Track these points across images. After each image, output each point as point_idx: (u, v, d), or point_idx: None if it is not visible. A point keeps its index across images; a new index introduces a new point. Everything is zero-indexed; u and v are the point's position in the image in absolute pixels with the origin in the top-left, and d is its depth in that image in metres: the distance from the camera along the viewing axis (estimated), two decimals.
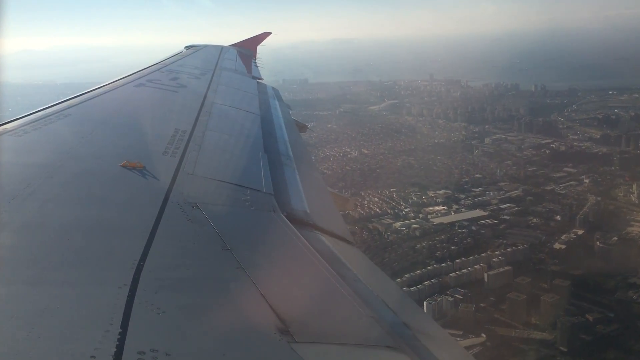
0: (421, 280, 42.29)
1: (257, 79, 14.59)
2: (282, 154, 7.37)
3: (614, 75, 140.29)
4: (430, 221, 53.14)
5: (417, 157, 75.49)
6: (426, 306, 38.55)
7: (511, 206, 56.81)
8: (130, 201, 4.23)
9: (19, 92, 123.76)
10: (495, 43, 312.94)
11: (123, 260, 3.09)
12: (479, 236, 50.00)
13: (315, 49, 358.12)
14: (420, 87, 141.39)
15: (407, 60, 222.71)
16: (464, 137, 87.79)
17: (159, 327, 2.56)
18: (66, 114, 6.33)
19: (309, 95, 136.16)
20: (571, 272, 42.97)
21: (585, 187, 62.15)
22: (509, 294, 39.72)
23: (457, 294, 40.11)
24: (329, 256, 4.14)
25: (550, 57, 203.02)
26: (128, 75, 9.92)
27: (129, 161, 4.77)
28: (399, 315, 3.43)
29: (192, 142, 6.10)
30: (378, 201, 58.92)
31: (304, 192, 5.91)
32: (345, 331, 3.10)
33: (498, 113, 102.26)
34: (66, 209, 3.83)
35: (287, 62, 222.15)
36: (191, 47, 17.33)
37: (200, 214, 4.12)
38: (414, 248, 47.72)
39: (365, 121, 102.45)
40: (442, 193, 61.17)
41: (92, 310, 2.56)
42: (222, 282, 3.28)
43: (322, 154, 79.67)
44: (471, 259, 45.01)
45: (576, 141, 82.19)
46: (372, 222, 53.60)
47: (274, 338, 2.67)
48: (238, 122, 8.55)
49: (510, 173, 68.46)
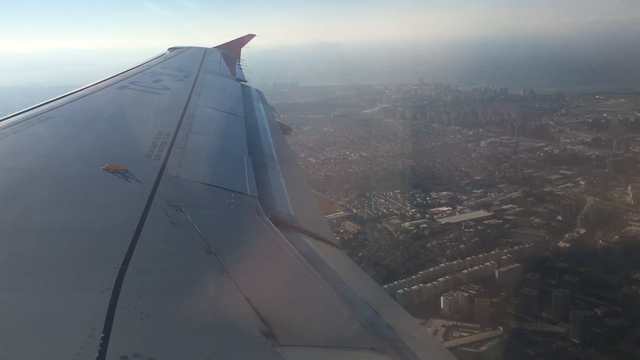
0: (435, 277, 44.05)
1: (241, 81, 14.66)
2: (266, 156, 7.42)
3: (599, 80, 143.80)
4: (437, 221, 54.98)
5: (417, 160, 77.46)
6: (443, 301, 40.46)
7: (513, 207, 58.90)
8: (113, 204, 4.23)
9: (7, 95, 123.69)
10: (479, 48, 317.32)
11: (106, 264, 3.08)
12: (485, 235, 51.98)
13: (301, 53, 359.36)
14: (410, 91, 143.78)
15: (393, 64, 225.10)
16: (460, 141, 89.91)
17: (142, 331, 2.54)
18: (48, 116, 6.29)
19: (301, 99, 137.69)
20: (577, 268, 45.10)
21: (581, 189, 64.50)
22: (521, 289, 41.68)
23: (471, 289, 41.91)
24: (314, 259, 4.16)
25: (534, 63, 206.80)
26: (110, 78, 9.97)
27: (111, 164, 4.77)
28: (382, 317, 3.46)
29: (176, 145, 6.09)
30: (384, 202, 60.69)
31: (288, 195, 5.97)
32: (329, 334, 3.12)
33: (490, 117, 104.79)
34: (48, 213, 3.83)
35: (274, 66, 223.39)
36: (174, 49, 17.48)
37: (184, 217, 4.14)
38: (425, 247, 49.54)
39: (360, 125, 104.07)
40: (445, 194, 63.06)
41: (75, 314, 2.54)
42: (206, 286, 3.27)
43: (322, 156, 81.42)
44: (481, 257, 46.97)
45: (568, 144, 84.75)
46: (380, 222, 55.32)
47: (258, 341, 2.67)
48: (222, 124, 8.59)
49: (508, 175, 70.61)
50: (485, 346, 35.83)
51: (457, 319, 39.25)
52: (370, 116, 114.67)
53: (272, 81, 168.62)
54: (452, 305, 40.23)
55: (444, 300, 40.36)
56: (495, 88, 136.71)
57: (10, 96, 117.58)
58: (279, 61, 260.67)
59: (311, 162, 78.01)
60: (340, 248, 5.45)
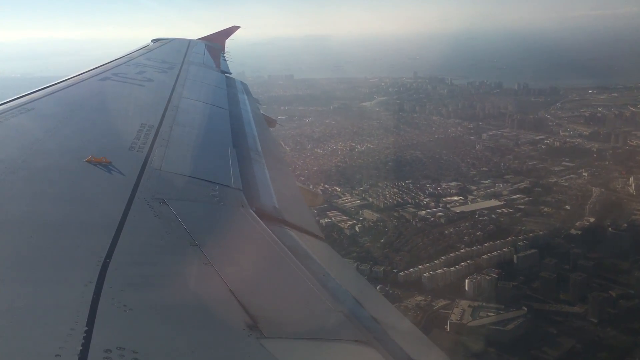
0: (456, 261, 46.55)
1: (226, 73, 14.65)
2: (251, 149, 7.43)
3: (588, 75, 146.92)
4: (451, 210, 57.44)
5: (423, 151, 79.94)
6: (467, 284, 42.96)
7: (522, 197, 61.58)
8: (95, 197, 4.21)
9: None
10: (468, 42, 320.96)
11: (88, 258, 3.07)
12: (499, 223, 54.60)
13: (291, 45, 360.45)
14: (406, 84, 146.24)
15: (384, 57, 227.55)
16: (461, 133, 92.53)
17: (126, 324, 2.55)
18: (29, 107, 6.23)
19: (298, 91, 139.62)
20: (589, 254, 47.88)
21: (584, 180, 67.33)
22: (540, 273, 44.34)
23: (493, 273, 44.46)
24: (298, 251, 4.20)
25: (523, 57, 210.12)
26: (93, 69, 9.89)
27: (94, 156, 4.75)
28: (367, 309, 3.52)
29: (159, 137, 6.09)
30: (398, 192, 63.07)
31: (273, 188, 6.02)
32: (314, 326, 3.15)
33: (488, 110, 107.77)
34: (29, 206, 3.80)
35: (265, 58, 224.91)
36: (158, 40, 17.39)
37: (167, 210, 4.15)
38: (443, 234, 52.01)
39: (360, 117, 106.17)
40: (454, 185, 65.56)
41: (57, 308, 2.55)
42: (190, 279, 3.30)
43: (328, 148, 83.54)
44: (498, 243, 49.55)
45: (568, 137, 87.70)
46: (397, 211, 57.68)
47: (242, 334, 2.69)
48: (206, 116, 8.61)
49: (513, 167, 73.33)
50: (512, 325, 38.30)
51: (481, 300, 41.69)
52: (369, 108, 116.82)
53: (267, 73, 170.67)
54: (476, 288, 42.74)
55: (468, 283, 42.84)
56: (490, 82, 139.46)
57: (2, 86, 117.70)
58: (270, 53, 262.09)
59: (319, 154, 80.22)
60: (324, 240, 5.50)
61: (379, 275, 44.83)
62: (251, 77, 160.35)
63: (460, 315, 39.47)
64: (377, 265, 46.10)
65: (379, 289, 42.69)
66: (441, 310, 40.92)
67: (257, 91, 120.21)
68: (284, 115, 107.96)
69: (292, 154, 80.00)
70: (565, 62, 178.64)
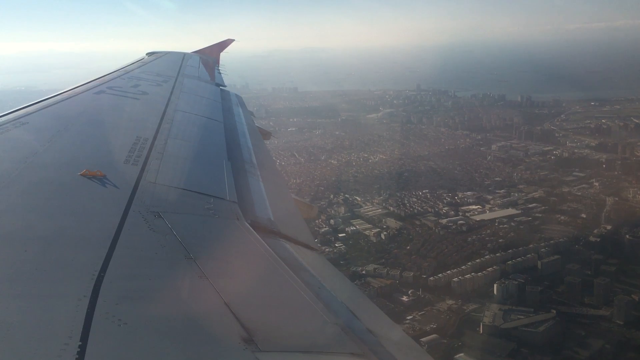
0: (482, 267, 48.46)
1: (221, 85, 14.77)
2: (245, 161, 7.46)
3: (589, 87, 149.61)
4: (470, 218, 59.42)
5: (436, 162, 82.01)
6: (496, 288, 44.87)
7: (538, 205, 63.63)
8: (90, 211, 4.22)
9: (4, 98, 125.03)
10: (465, 55, 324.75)
11: (83, 271, 3.10)
12: (519, 231, 56.60)
13: (290, 58, 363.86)
14: (410, 96, 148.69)
15: (384, 70, 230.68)
16: (470, 144, 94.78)
17: (120, 338, 2.56)
18: (23, 121, 6.28)
19: (304, 104, 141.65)
20: (609, 260, 49.93)
21: (596, 190, 69.48)
22: (566, 278, 46.32)
23: (519, 278, 46.38)
24: (293, 263, 4.24)
25: (523, 70, 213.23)
26: (87, 82, 9.93)
27: (89, 170, 4.78)
28: (363, 321, 3.55)
29: (154, 150, 6.12)
30: (417, 201, 65.01)
31: (267, 200, 6.05)
32: (309, 339, 3.20)
33: (494, 122, 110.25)
34: (24, 220, 3.83)
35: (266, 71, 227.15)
36: (153, 53, 17.54)
37: (162, 223, 4.17)
38: (466, 241, 53.95)
39: (369, 128, 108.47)
40: (470, 194, 67.58)
41: (51, 322, 2.56)
42: (186, 292, 3.30)
43: (342, 159, 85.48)
44: (521, 250, 51.49)
45: (575, 148, 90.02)
46: (418, 219, 59.61)
47: (238, 347, 2.72)
48: (201, 129, 8.63)
49: (525, 177, 75.45)
50: (543, 327, 40.15)
51: (510, 304, 43.57)
52: (376, 120, 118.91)
53: (270, 86, 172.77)
54: (505, 292, 44.59)
55: (497, 287, 44.74)
56: (493, 94, 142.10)
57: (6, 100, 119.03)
58: (269, 66, 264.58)
59: (334, 164, 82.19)
60: (320, 252, 5.57)
61: (409, 281, 46.71)
62: (255, 90, 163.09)
63: (492, 318, 41.28)
64: (407, 271, 47.90)
65: (411, 292, 44.70)
66: (472, 314, 42.75)
67: (262, 103, 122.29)
68: (294, 127, 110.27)
69: (307, 164, 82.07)
70: (565, 75, 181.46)
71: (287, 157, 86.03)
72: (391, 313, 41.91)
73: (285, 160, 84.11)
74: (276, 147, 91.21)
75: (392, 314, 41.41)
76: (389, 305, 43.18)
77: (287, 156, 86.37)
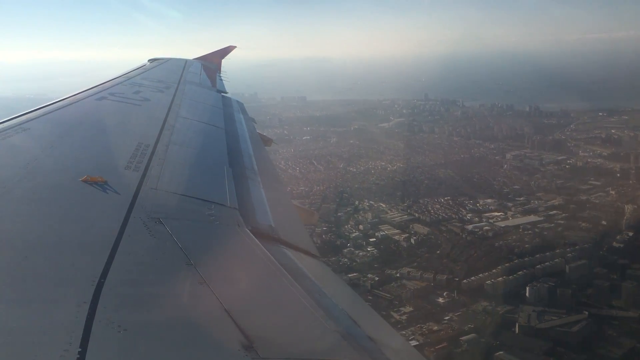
0: (512, 271, 50.56)
1: (222, 92, 14.92)
2: (247, 167, 7.53)
3: (594, 97, 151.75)
4: (495, 225, 61.53)
5: (454, 170, 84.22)
6: (528, 290, 46.96)
7: (558, 213, 65.81)
8: (91, 216, 4.27)
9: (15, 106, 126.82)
10: (466, 64, 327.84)
11: (83, 277, 3.13)
12: (543, 237, 58.73)
13: (293, 67, 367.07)
14: (419, 106, 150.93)
15: (389, 80, 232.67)
16: (485, 153, 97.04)
17: (120, 345, 2.60)
18: (25, 127, 6.33)
19: (315, 112, 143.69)
20: (634, 265, 52.08)
21: (613, 198, 71.72)
22: (594, 281, 48.47)
23: (549, 281, 48.49)
24: (294, 270, 4.31)
25: (525, 79, 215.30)
26: (89, 88, 10.01)
27: (90, 176, 4.82)
28: (363, 328, 3.61)
29: (156, 156, 6.17)
30: (440, 207, 67.12)
31: (268, 206, 6.10)
32: (310, 346, 3.25)
33: (506, 131, 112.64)
34: (25, 226, 3.88)
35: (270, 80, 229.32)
36: (155, 60, 17.75)
37: (163, 229, 4.23)
38: (493, 246, 56.07)
39: (382, 137, 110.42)
40: (491, 201, 69.75)
41: (51, 328, 2.59)
42: (186, 298, 3.37)
43: (361, 167, 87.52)
44: (548, 255, 53.61)
45: (588, 158, 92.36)
46: (443, 225, 61.72)
47: (238, 354, 2.74)
48: (202, 135, 8.73)
49: (543, 185, 77.66)
50: (577, 327, 42.19)
51: (542, 306, 45.60)
52: (388, 130, 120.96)
53: (279, 95, 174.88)
54: (537, 294, 46.65)
55: (529, 290, 46.83)
56: (501, 104, 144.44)
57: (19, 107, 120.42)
58: (273, 75, 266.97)
59: (354, 172, 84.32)
60: (320, 259, 5.62)
61: (442, 283, 48.76)
62: (264, 99, 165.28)
63: (527, 319, 43.27)
64: (440, 274, 49.94)
65: (446, 294, 46.74)
66: (507, 315, 44.71)
67: (274, 112, 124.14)
68: (308, 136, 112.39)
69: (327, 172, 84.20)
70: (569, 85, 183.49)
71: (306, 164, 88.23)
72: (429, 314, 44.19)
73: (305, 167, 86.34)
74: (294, 155, 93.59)
75: (430, 315, 43.72)
76: (427, 306, 45.29)
77: (306, 164, 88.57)
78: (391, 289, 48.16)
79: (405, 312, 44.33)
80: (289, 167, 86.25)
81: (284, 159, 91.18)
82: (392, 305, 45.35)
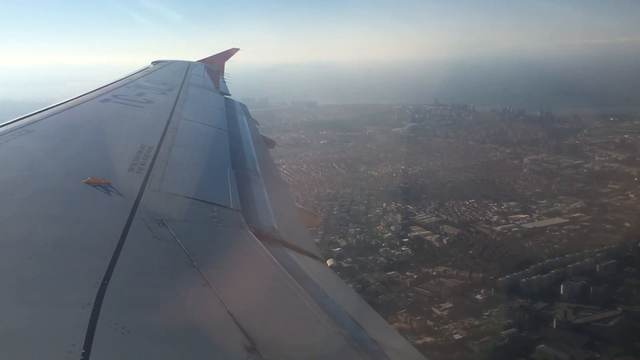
0: (544, 270, 52.99)
1: (225, 94, 15.07)
2: (249, 169, 7.61)
3: (603, 103, 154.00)
4: (522, 226, 63.97)
5: (475, 174, 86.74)
6: (562, 288, 49.37)
7: (582, 215, 68.27)
8: (94, 218, 4.34)
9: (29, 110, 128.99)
10: (473, 69, 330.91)
11: (87, 279, 3.16)
12: (570, 238, 61.18)
13: (298, 71, 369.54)
14: (430, 110, 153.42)
15: (397, 84, 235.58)
16: (501, 157, 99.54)
17: (123, 347, 2.62)
18: (29, 129, 6.39)
19: (328, 117, 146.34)
20: None
21: (633, 201, 74.26)
22: (625, 279, 50.98)
23: (581, 280, 50.95)
24: (297, 272, 4.36)
25: (532, 84, 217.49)
26: (93, 91, 10.13)
27: (93, 177, 4.92)
28: (366, 331, 3.66)
29: (159, 158, 6.25)
30: (466, 210, 69.59)
31: (271, 208, 6.21)
32: (313, 348, 3.27)
33: (520, 136, 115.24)
34: (28, 227, 3.91)
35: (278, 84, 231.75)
36: (158, 62, 17.90)
37: (166, 231, 4.28)
38: (523, 246, 58.50)
39: (397, 142, 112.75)
40: (514, 204, 72.21)
41: (55, 330, 2.61)
42: (189, 300, 3.38)
43: (382, 170, 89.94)
44: (577, 255, 56.05)
45: (605, 162, 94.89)
46: (472, 226, 64.14)
47: (241, 356, 2.76)
48: (205, 137, 8.79)
49: (563, 188, 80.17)
50: (612, 322, 44.61)
51: (576, 303, 48.01)
52: (402, 134, 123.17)
53: (289, 99, 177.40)
54: (571, 292, 49.10)
55: (563, 288, 49.28)
56: (512, 109, 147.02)
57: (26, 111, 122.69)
58: (279, 80, 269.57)
59: (376, 176, 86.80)
60: (323, 261, 5.69)
61: (478, 281, 51.18)
62: (274, 104, 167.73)
63: (564, 315, 45.64)
64: (475, 272, 52.35)
65: (483, 292, 49.15)
66: (543, 311, 47.11)
67: (286, 117, 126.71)
68: (325, 140, 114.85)
69: (348, 175, 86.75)
70: (576, 90, 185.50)
71: (327, 168, 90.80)
72: (469, 310, 46.54)
73: (327, 171, 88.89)
74: (315, 159, 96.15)
75: (470, 311, 46.08)
76: (466, 302, 47.72)
77: (327, 167, 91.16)
78: (430, 286, 50.50)
79: (446, 308, 46.70)
80: (312, 171, 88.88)
81: (305, 163, 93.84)
82: (433, 302, 47.76)
